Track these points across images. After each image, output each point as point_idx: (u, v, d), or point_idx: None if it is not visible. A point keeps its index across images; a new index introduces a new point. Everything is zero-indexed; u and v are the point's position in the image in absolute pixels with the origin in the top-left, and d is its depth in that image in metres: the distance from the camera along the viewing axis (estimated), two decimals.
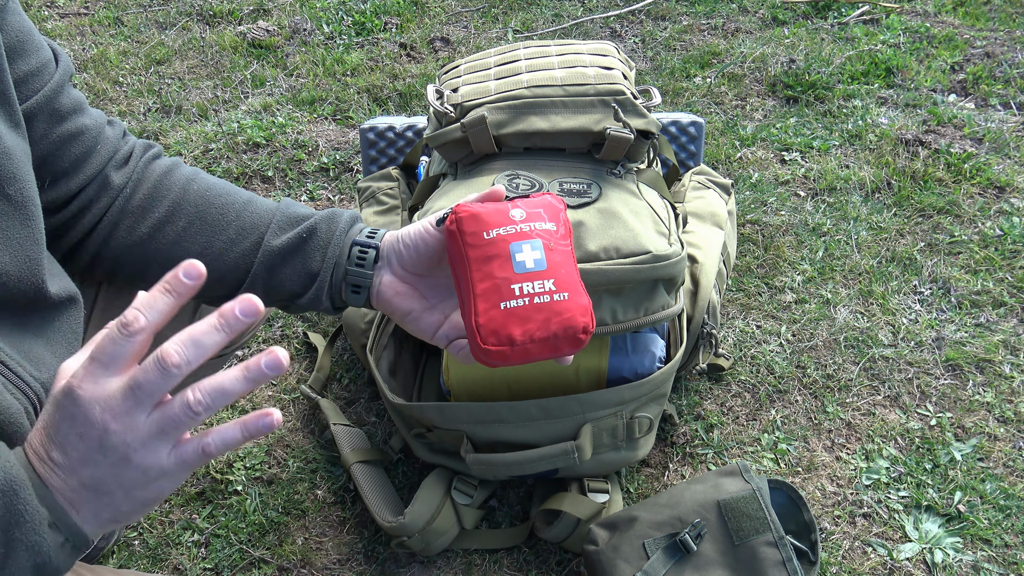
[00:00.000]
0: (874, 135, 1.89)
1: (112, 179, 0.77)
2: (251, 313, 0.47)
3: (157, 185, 0.79)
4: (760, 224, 1.66)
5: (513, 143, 1.10)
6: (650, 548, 0.98)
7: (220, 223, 0.78)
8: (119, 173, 0.78)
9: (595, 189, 1.06)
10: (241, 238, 0.78)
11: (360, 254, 0.77)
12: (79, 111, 0.73)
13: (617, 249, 1.00)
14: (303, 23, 2.46)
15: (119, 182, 0.77)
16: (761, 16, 2.46)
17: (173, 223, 0.78)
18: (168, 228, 0.77)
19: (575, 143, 1.10)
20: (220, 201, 0.79)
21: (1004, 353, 1.38)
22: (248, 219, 0.79)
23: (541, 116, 1.09)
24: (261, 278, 0.78)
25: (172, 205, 0.78)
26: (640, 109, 1.09)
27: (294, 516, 1.19)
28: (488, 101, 1.10)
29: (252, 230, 0.78)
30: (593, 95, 1.09)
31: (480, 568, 1.12)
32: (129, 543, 1.17)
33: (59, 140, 0.71)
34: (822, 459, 1.23)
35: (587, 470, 1.10)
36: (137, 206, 0.77)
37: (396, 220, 1.43)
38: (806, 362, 1.38)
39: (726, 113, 2.02)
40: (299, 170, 1.87)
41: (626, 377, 1.07)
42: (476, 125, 1.08)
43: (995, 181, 1.73)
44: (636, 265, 0.99)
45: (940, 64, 2.14)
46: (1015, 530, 1.13)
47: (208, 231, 0.78)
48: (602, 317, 1.01)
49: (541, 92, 1.10)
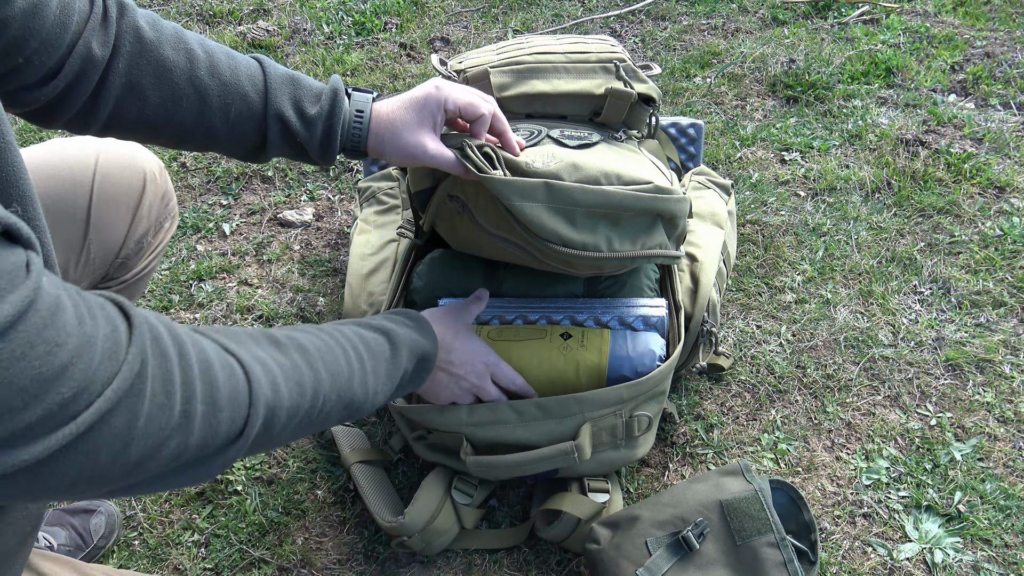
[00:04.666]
0: (874, 135, 1.89)
1: (94, 49, 0.74)
2: None
3: (142, 53, 0.78)
4: (760, 224, 1.66)
5: (515, 108, 1.11)
6: (652, 546, 0.98)
7: (215, 84, 0.82)
8: (100, 45, 0.75)
9: (596, 137, 1.05)
10: (242, 95, 0.84)
11: (356, 117, 0.89)
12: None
13: (619, 176, 0.97)
14: (303, 23, 2.46)
15: (100, 53, 0.75)
16: (761, 16, 2.46)
17: (161, 89, 0.79)
18: (165, 97, 0.80)
19: (577, 108, 1.10)
20: (206, 64, 0.82)
21: (1004, 353, 1.38)
22: (243, 73, 0.85)
23: (543, 79, 1.09)
24: (275, 132, 0.86)
25: (159, 70, 0.79)
26: (640, 75, 1.10)
27: (294, 516, 1.19)
28: (491, 65, 1.10)
29: (248, 84, 0.84)
30: (595, 62, 1.10)
31: (480, 568, 1.12)
32: (129, 543, 1.17)
33: (20, 13, 0.67)
34: (822, 459, 1.23)
35: (587, 470, 1.10)
36: (129, 81, 0.78)
37: (396, 220, 1.43)
38: (806, 362, 1.38)
39: (726, 113, 2.02)
40: (299, 170, 1.87)
41: (627, 376, 1.07)
42: (479, 79, 1.08)
43: (995, 181, 1.73)
44: (637, 192, 0.95)
45: (940, 64, 2.14)
46: (1015, 530, 1.13)
47: (198, 99, 0.82)
48: (597, 243, 0.95)
49: (543, 59, 1.11)
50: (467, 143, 0.93)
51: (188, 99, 0.81)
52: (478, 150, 0.93)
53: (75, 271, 0.93)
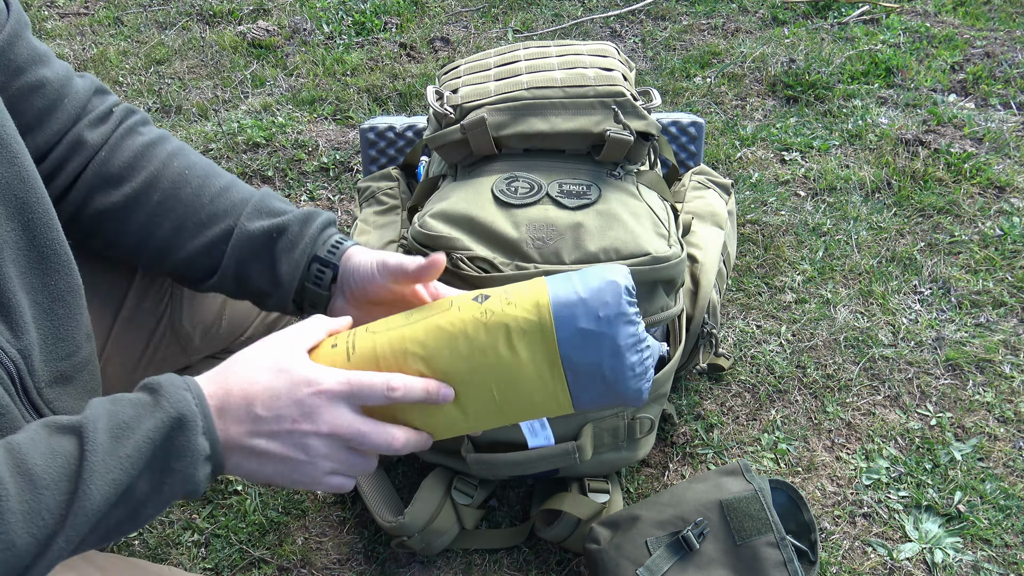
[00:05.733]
0: (874, 135, 1.89)
1: (86, 138, 0.74)
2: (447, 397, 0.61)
3: (138, 155, 0.76)
4: (760, 224, 1.66)
5: (513, 144, 1.10)
6: (653, 546, 0.98)
7: (194, 204, 0.75)
8: (94, 132, 0.74)
9: (594, 191, 1.06)
10: (213, 223, 0.75)
11: (318, 272, 0.74)
12: (38, 62, 0.70)
13: (616, 251, 1.00)
14: (303, 23, 2.46)
15: (94, 141, 0.74)
16: (761, 16, 2.46)
17: (148, 196, 0.75)
18: (143, 200, 0.75)
19: (575, 145, 1.10)
20: (198, 182, 0.76)
21: (1004, 353, 1.38)
22: (223, 204, 0.76)
23: (541, 118, 1.09)
24: (231, 269, 0.76)
25: (149, 178, 0.75)
26: (640, 111, 1.09)
27: (294, 516, 1.19)
28: (488, 102, 1.10)
29: (225, 216, 0.75)
30: (593, 97, 1.09)
31: (480, 568, 1.12)
32: (129, 543, 1.17)
33: (18, 93, 0.68)
34: (822, 459, 1.23)
35: (587, 470, 1.11)
36: (115, 173, 0.74)
37: (396, 220, 1.43)
38: (806, 362, 1.38)
39: (726, 113, 2.02)
40: (299, 170, 1.87)
41: (587, 328, 1.06)
42: (476, 127, 1.08)
43: (995, 181, 1.73)
44: (635, 267, 0.99)
45: (940, 64, 2.14)
46: (1015, 530, 1.13)
47: (181, 210, 0.75)
48: None
49: (541, 94, 1.10)
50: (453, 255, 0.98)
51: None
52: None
53: (199, 341, 0.90)
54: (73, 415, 0.54)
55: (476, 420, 0.66)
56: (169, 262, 0.77)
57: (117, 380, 0.83)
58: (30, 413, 0.63)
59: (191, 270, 0.77)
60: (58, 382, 0.65)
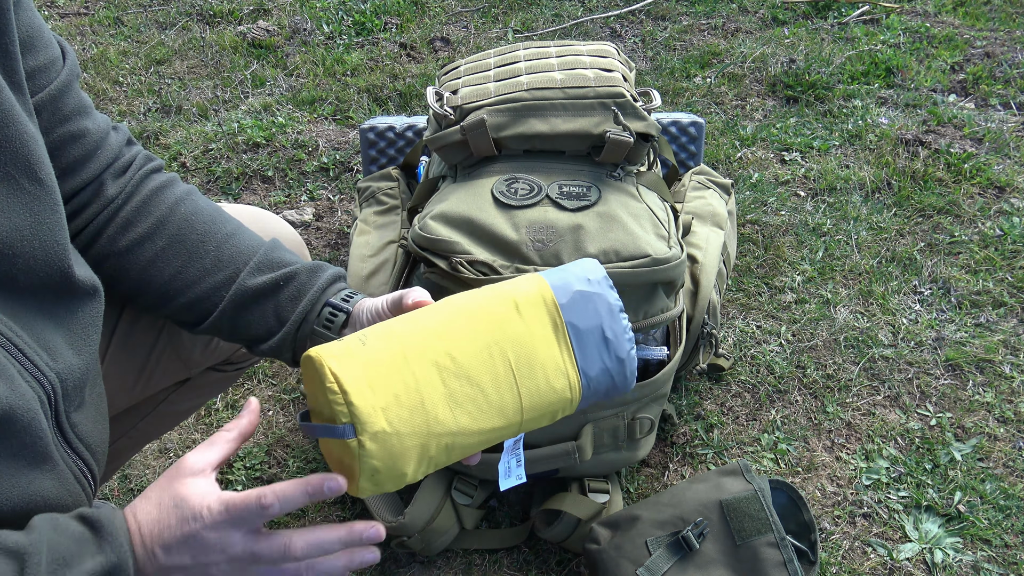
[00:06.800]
0: (874, 135, 1.89)
1: (107, 187, 0.76)
2: (374, 538, 0.60)
3: (147, 200, 0.77)
4: (760, 224, 1.66)
5: (513, 145, 1.10)
6: (652, 546, 0.98)
7: (198, 250, 0.77)
8: (115, 183, 0.76)
9: (594, 192, 1.06)
10: (216, 270, 0.77)
11: (330, 315, 0.75)
12: (82, 113, 0.73)
13: (616, 252, 1.00)
14: (303, 23, 2.46)
15: (113, 192, 0.76)
16: (761, 16, 2.46)
17: (153, 241, 0.76)
18: (147, 245, 0.76)
19: (574, 146, 1.10)
20: (203, 228, 0.78)
21: (1004, 353, 1.38)
22: (227, 252, 0.77)
23: (540, 119, 1.09)
24: (228, 315, 0.77)
25: (156, 223, 0.77)
26: (640, 112, 1.09)
27: (294, 516, 1.19)
28: (487, 103, 1.10)
29: (229, 264, 0.77)
30: (592, 98, 1.09)
31: (480, 568, 1.12)
32: None
33: (59, 140, 0.70)
34: (822, 459, 1.23)
35: (587, 470, 1.11)
36: (124, 218, 0.76)
37: (396, 220, 1.43)
38: (806, 362, 1.38)
39: (726, 113, 2.02)
40: (299, 170, 1.87)
41: (583, 290, 1.07)
42: (476, 128, 1.08)
43: (995, 181, 1.73)
44: (635, 268, 0.99)
45: (940, 64, 2.14)
46: (1015, 530, 1.13)
47: (184, 256, 0.77)
48: None
49: (541, 95, 1.10)
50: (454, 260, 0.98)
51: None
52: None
53: (200, 354, 0.91)
54: (17, 533, 0.55)
55: (495, 394, 0.64)
56: (169, 306, 0.79)
57: (114, 396, 0.83)
58: (57, 438, 0.64)
59: (189, 314, 0.79)
60: (80, 407, 0.67)
